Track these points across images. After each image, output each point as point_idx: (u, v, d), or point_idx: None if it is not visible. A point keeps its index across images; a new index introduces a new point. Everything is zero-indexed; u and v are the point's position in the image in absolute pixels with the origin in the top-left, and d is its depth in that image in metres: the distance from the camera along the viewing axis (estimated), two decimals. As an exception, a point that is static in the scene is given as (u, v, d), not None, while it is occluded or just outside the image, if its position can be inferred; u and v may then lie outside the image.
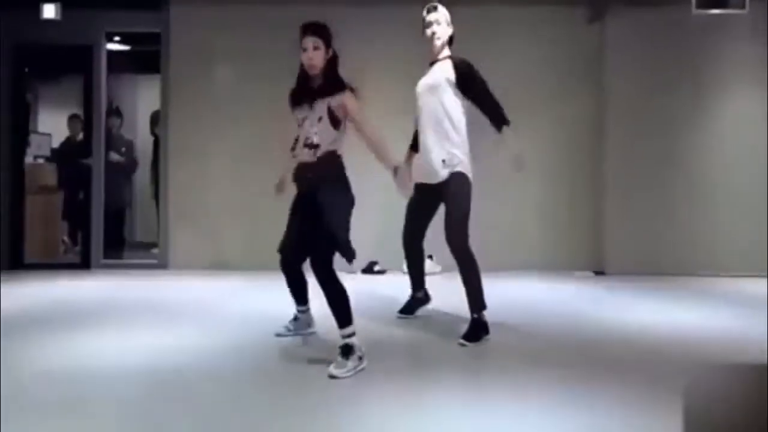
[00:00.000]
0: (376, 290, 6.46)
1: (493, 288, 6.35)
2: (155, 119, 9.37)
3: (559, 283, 7.11)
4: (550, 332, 4.82)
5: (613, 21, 7.98)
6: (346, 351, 3.76)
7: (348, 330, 3.81)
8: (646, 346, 4.42)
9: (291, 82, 4.13)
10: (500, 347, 4.37)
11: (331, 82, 3.91)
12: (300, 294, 4.47)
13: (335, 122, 3.88)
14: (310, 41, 3.90)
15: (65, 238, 9.31)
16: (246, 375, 3.72)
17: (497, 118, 4.49)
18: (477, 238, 4.70)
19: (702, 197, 7.89)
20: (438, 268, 7.47)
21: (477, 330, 4.44)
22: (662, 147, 7.91)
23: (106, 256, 8.46)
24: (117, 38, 9.24)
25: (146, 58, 9.23)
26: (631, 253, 7.84)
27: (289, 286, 4.38)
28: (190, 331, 4.75)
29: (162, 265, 8.19)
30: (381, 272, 7.75)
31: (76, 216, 8.76)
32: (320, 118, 3.88)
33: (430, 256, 7.78)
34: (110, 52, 8.75)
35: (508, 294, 6.29)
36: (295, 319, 4.58)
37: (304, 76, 4.00)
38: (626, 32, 7.95)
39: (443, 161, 4.55)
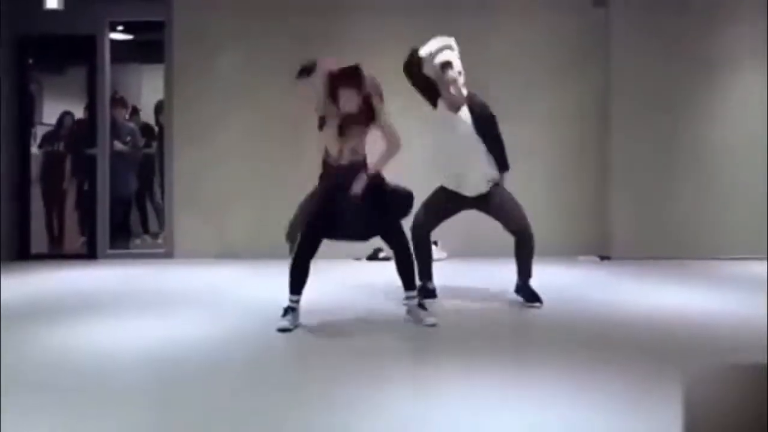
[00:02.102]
0: (382, 276, 6.46)
1: (497, 273, 6.36)
2: (159, 108, 9.37)
3: (563, 268, 7.09)
4: (553, 318, 4.82)
5: (618, 2, 7.92)
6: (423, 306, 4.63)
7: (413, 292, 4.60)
8: (651, 332, 4.42)
9: (295, 69, 4.20)
10: (503, 333, 4.38)
11: None
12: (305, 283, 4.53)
13: None
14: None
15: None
16: (251, 364, 3.74)
17: (501, 163, 5.24)
18: (482, 224, 4.78)
19: (708, 180, 7.84)
20: (444, 254, 7.48)
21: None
22: (668, 130, 7.86)
23: (113, 245, 8.49)
24: (120, 27, 9.22)
25: (150, 47, 9.22)
26: (637, 237, 7.81)
27: (302, 274, 4.48)
28: (195, 320, 4.77)
29: (168, 254, 8.21)
30: (386, 259, 7.75)
31: (85, 206, 8.79)
32: None
33: (435, 242, 7.79)
34: (114, 42, 8.74)
35: (512, 279, 6.28)
36: (294, 310, 4.54)
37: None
38: (632, 13, 7.89)
39: (487, 181, 5.19)
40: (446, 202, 5.29)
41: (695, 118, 7.90)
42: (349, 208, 4.42)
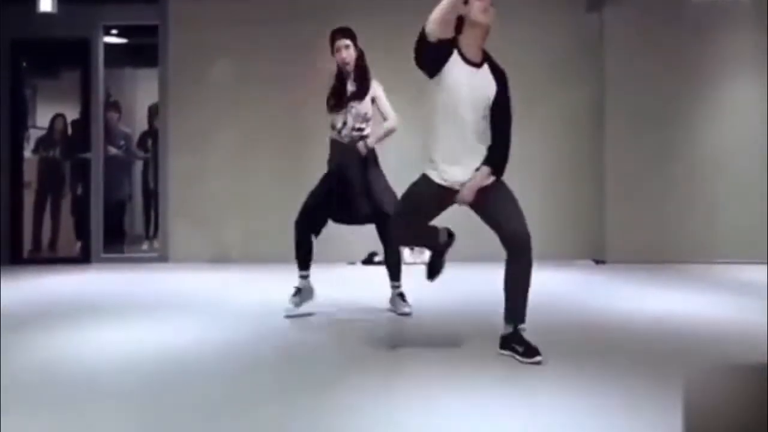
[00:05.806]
0: (378, 280, 6.45)
1: (492, 277, 6.33)
2: (153, 111, 9.34)
3: (559, 273, 7.09)
4: (548, 323, 4.80)
5: (611, 9, 7.95)
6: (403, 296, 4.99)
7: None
8: (646, 336, 4.41)
9: (289, 75, 4.17)
10: (497, 338, 4.36)
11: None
12: (310, 257, 4.79)
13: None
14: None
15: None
16: (248, 368, 3.72)
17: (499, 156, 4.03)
18: (477, 228, 4.77)
19: (702, 185, 7.88)
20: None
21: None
22: (662, 135, 7.89)
23: (107, 249, 8.47)
24: (114, 31, 9.20)
25: (144, 51, 9.20)
26: (632, 241, 7.83)
27: (304, 249, 4.72)
28: (190, 324, 4.74)
29: (162, 258, 8.19)
30: (381, 263, 7.73)
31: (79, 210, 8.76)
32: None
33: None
34: (108, 46, 8.72)
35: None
36: (299, 291, 4.75)
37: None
38: (625, 20, 7.92)
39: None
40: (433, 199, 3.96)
41: (689, 124, 7.93)
42: (347, 189, 4.66)
